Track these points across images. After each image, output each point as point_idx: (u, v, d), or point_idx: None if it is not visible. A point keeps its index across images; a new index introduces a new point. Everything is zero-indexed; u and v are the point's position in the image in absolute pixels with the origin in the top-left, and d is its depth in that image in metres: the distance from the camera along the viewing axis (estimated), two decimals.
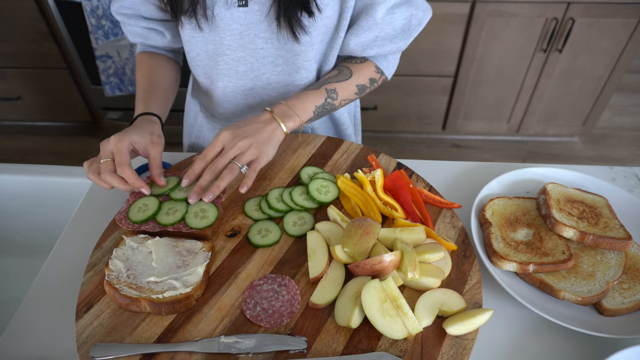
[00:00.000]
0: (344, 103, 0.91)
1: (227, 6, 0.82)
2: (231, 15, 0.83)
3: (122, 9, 0.89)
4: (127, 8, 0.89)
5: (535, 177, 0.89)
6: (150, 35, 0.93)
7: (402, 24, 0.88)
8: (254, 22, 0.85)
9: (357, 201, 0.80)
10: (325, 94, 0.87)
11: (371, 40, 0.88)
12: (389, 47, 0.89)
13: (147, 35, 0.93)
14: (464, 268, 0.72)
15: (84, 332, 0.63)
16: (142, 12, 0.89)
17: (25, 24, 2.03)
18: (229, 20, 0.84)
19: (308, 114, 0.84)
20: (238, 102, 0.98)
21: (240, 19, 0.84)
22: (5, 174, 1.02)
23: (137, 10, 0.89)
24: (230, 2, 0.82)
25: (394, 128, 2.44)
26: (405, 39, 0.89)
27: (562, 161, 2.40)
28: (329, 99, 0.87)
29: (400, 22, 0.87)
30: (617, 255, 0.75)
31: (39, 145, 2.49)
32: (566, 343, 0.68)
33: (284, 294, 0.68)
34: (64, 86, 2.28)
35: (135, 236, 0.73)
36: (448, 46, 2.05)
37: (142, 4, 0.88)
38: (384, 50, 0.90)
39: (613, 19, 1.92)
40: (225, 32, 0.86)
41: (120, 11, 0.90)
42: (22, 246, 1.12)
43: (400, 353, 0.62)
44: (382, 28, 0.87)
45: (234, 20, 0.84)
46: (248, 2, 0.82)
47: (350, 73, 0.91)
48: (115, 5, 0.89)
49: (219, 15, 0.83)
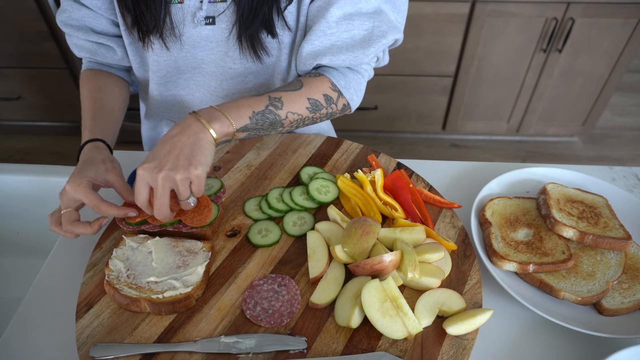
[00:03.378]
0: (291, 117, 0.78)
1: (194, 24, 0.81)
2: (198, 34, 0.83)
3: (70, 20, 0.83)
4: (76, 20, 0.82)
5: (535, 177, 0.89)
6: (99, 50, 0.87)
7: (362, 34, 0.80)
8: (222, 40, 0.84)
9: (357, 201, 0.80)
10: (266, 101, 0.75)
11: (326, 48, 0.81)
12: (344, 56, 0.80)
13: (96, 50, 0.86)
14: (464, 268, 0.72)
15: (84, 332, 0.63)
16: (93, 26, 0.84)
17: (25, 24, 2.03)
18: (197, 38, 0.83)
19: (243, 119, 0.72)
20: None
21: (209, 37, 0.83)
22: (5, 174, 1.02)
23: (87, 23, 0.83)
24: (197, 20, 0.81)
25: (394, 128, 2.44)
26: (365, 48, 0.80)
27: (562, 161, 2.40)
28: (270, 107, 0.75)
29: (359, 32, 0.80)
30: (617, 255, 0.75)
31: (39, 145, 2.49)
32: (566, 343, 0.68)
33: (284, 294, 0.68)
34: (64, 86, 2.28)
35: (135, 236, 0.73)
36: (448, 46, 2.05)
37: (93, 17, 0.82)
38: (339, 59, 0.81)
39: (613, 19, 1.92)
40: (196, 49, 0.85)
41: (67, 22, 0.83)
42: (22, 246, 1.12)
43: (400, 353, 0.62)
44: (338, 35, 0.80)
45: (202, 38, 0.83)
46: (216, 20, 0.81)
47: (301, 84, 0.80)
48: (62, 15, 0.82)
49: (186, 34, 0.82)
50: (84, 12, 0.82)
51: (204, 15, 0.81)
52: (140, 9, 0.78)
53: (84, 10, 0.82)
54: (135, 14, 0.78)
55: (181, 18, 0.81)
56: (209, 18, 0.81)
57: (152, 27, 0.80)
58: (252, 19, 0.78)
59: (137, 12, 0.78)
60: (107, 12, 0.82)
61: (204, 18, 0.81)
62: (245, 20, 0.79)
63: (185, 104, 0.98)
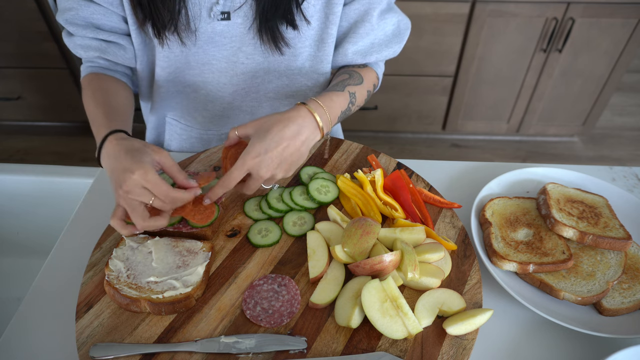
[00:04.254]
0: (354, 109, 0.85)
1: (210, 20, 0.81)
2: (213, 29, 0.83)
3: (76, 19, 0.80)
4: (83, 18, 0.80)
5: (535, 177, 0.89)
6: (109, 48, 0.84)
7: (392, 29, 0.89)
8: (237, 35, 0.84)
9: (357, 201, 0.80)
10: (348, 98, 0.82)
11: (368, 47, 0.89)
12: (386, 52, 0.89)
13: (106, 48, 0.83)
14: (464, 268, 0.72)
15: (84, 332, 0.63)
16: (102, 23, 0.81)
17: (25, 24, 2.03)
18: (212, 33, 0.83)
19: (334, 120, 0.78)
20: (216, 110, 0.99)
21: (224, 32, 0.84)
22: (5, 174, 1.02)
23: (96, 20, 0.81)
24: (213, 15, 0.81)
25: (394, 128, 2.44)
26: (399, 42, 0.90)
27: (562, 161, 2.40)
28: (349, 104, 0.82)
29: (390, 27, 0.88)
30: (617, 255, 0.75)
31: (39, 145, 2.49)
32: (566, 343, 0.68)
33: (284, 294, 0.68)
34: (64, 86, 2.28)
35: (135, 236, 0.73)
36: (448, 46, 2.05)
37: (103, 13, 0.80)
38: (383, 55, 0.90)
39: (613, 19, 1.92)
40: (209, 45, 0.85)
41: (73, 21, 0.80)
42: (22, 246, 1.12)
43: (400, 353, 0.62)
44: (376, 34, 0.87)
45: (216, 34, 0.84)
46: (231, 16, 0.81)
47: (361, 78, 0.87)
48: (67, 14, 0.79)
49: (201, 29, 0.82)
50: (93, 8, 0.79)
51: (220, 10, 0.81)
52: (155, 4, 0.77)
53: (93, 6, 0.79)
54: (150, 9, 0.77)
55: (197, 12, 0.81)
56: (224, 13, 0.81)
57: (167, 21, 0.79)
58: (274, 11, 0.80)
59: (152, 7, 0.77)
60: (118, 7, 0.80)
61: (220, 13, 0.81)
62: (267, 13, 0.80)
63: (191, 100, 0.98)
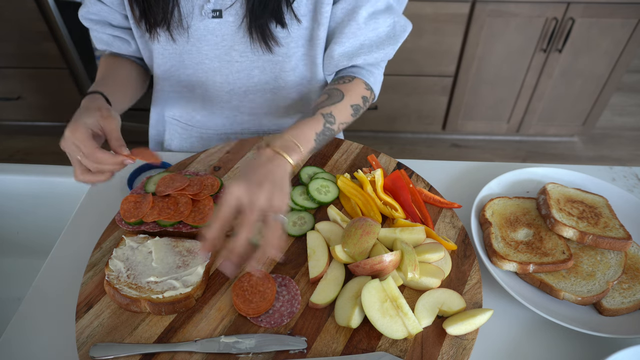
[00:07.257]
0: (341, 127, 0.82)
1: (201, 17, 0.82)
2: (205, 27, 0.83)
3: (89, 15, 0.86)
4: (94, 14, 0.86)
5: (535, 177, 0.89)
6: (115, 42, 0.91)
7: (386, 31, 0.85)
8: (229, 33, 0.85)
9: (357, 201, 0.80)
10: (322, 120, 0.77)
11: (357, 48, 0.85)
12: (377, 54, 0.85)
13: (112, 42, 0.91)
14: (464, 268, 0.72)
15: (84, 332, 0.63)
16: (109, 19, 0.87)
17: (25, 24, 2.03)
18: (204, 31, 0.84)
19: (310, 143, 0.74)
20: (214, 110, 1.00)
21: (215, 31, 0.84)
22: (5, 174, 1.01)
23: (104, 17, 0.87)
24: (205, 13, 0.81)
25: (394, 128, 2.44)
26: (393, 44, 0.85)
27: (562, 161, 2.40)
28: (327, 124, 0.78)
29: (384, 29, 0.84)
30: (617, 255, 0.75)
31: (39, 145, 2.49)
32: (566, 343, 0.68)
33: (284, 294, 0.68)
34: (64, 86, 2.28)
35: (135, 236, 0.73)
36: (448, 46, 2.05)
37: (108, 11, 0.85)
38: (372, 57, 0.85)
39: (613, 19, 1.92)
40: (202, 42, 0.86)
41: (87, 16, 0.87)
42: (22, 246, 1.12)
43: (400, 353, 0.62)
44: (366, 35, 0.84)
45: (208, 32, 0.84)
46: (223, 14, 0.82)
47: (342, 94, 0.83)
48: (82, 10, 0.87)
49: (193, 27, 0.83)
50: (100, 6, 0.85)
51: (212, 8, 0.81)
52: (148, 1, 0.79)
53: (99, 5, 0.85)
54: (143, 6, 0.80)
55: (190, 10, 0.82)
56: (216, 11, 0.82)
57: (159, 19, 0.81)
58: (262, 9, 0.79)
59: (146, 4, 0.80)
60: (119, 7, 0.85)
61: (212, 11, 0.82)
62: (256, 11, 0.80)
63: (188, 100, 0.99)
